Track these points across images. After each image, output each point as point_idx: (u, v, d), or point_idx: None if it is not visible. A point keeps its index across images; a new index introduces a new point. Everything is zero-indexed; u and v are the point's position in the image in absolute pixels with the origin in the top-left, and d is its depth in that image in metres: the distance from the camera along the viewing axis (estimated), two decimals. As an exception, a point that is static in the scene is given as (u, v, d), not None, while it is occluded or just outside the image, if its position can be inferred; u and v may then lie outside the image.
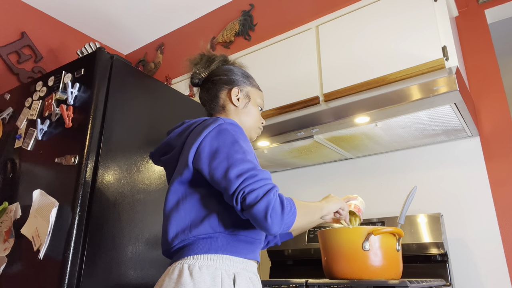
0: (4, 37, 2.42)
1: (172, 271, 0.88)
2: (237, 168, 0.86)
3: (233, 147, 0.90)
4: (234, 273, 0.88)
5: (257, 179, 0.85)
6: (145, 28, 2.90)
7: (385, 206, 1.74)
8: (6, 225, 1.47)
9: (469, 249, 1.50)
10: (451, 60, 1.38)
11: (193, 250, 0.89)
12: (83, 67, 1.53)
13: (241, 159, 0.88)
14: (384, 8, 1.58)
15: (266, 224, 0.82)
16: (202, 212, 0.92)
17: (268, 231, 0.83)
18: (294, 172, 2.07)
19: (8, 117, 1.78)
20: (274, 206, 0.83)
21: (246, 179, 0.85)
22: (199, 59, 1.16)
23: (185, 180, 0.94)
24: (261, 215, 0.82)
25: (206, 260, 0.87)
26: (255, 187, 0.84)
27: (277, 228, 0.83)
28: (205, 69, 1.15)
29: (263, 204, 0.82)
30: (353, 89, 1.56)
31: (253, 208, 0.82)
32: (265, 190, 0.84)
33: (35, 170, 1.49)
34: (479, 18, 1.76)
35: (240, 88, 1.11)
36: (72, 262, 1.22)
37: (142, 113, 1.58)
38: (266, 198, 0.83)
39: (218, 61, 1.16)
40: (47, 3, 2.61)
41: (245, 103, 1.11)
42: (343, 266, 1.19)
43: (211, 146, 0.91)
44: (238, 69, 1.16)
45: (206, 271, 0.85)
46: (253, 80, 1.17)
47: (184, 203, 0.93)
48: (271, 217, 0.82)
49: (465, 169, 1.60)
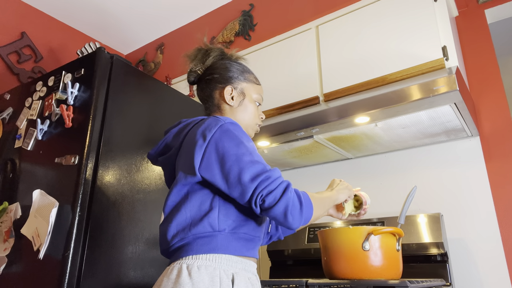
0: (4, 37, 2.42)
1: (171, 271, 0.88)
2: (249, 171, 0.87)
3: (240, 150, 0.90)
4: (233, 273, 0.88)
5: (272, 180, 0.87)
6: (145, 28, 2.90)
7: (385, 206, 1.74)
8: (6, 225, 1.47)
9: (469, 249, 1.50)
10: (451, 60, 1.38)
11: (192, 250, 0.89)
12: (83, 67, 1.53)
13: (250, 161, 0.88)
14: (384, 8, 1.58)
15: (287, 221, 0.86)
16: (202, 211, 0.91)
17: (290, 227, 0.87)
18: (294, 172, 2.08)
19: (8, 117, 1.78)
20: (293, 204, 0.86)
21: (261, 182, 0.86)
22: (196, 54, 1.13)
23: (189, 183, 0.94)
24: (281, 214, 0.85)
25: (204, 260, 0.87)
26: (271, 188, 0.86)
27: (298, 223, 0.87)
28: (201, 65, 1.11)
29: (283, 203, 0.85)
30: (353, 89, 1.56)
31: (272, 209, 0.85)
32: (282, 190, 0.86)
33: (35, 170, 1.49)
34: (479, 18, 1.76)
35: (233, 86, 1.07)
36: (72, 262, 1.22)
37: (142, 113, 1.58)
38: (285, 197, 0.85)
39: (214, 56, 1.12)
40: (47, 3, 2.61)
41: (239, 101, 1.07)
42: (343, 266, 1.19)
43: (217, 151, 0.90)
44: (234, 65, 1.11)
45: (205, 271, 0.85)
46: (249, 75, 1.12)
47: (185, 202, 0.93)
48: (291, 214, 0.85)
49: (465, 169, 1.60)
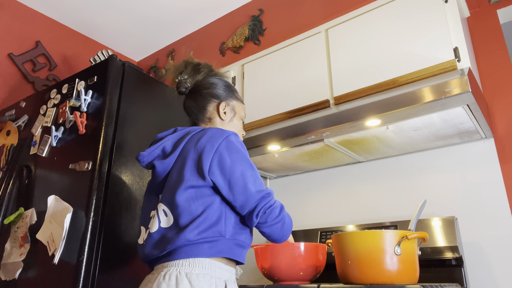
0: (20, 46, 2.48)
1: (168, 277, 0.89)
2: (253, 184, 0.97)
3: (244, 162, 1.00)
4: (225, 280, 0.94)
5: (272, 197, 0.98)
6: (156, 35, 2.94)
7: (398, 210, 1.72)
8: (22, 231, 1.50)
9: (484, 253, 1.48)
10: (463, 61, 1.36)
11: (193, 253, 0.91)
12: (96, 75, 1.55)
13: (253, 175, 0.99)
14: (393, 10, 1.57)
15: (280, 236, 1.00)
16: (210, 216, 0.95)
17: (279, 241, 1.01)
18: (305, 176, 2.07)
19: (23, 124, 1.82)
20: (287, 222, 1.00)
21: (264, 197, 0.96)
22: (184, 66, 1.21)
23: (196, 187, 0.97)
24: (278, 230, 0.98)
25: (201, 268, 0.91)
26: (272, 204, 0.97)
27: (285, 239, 1.02)
28: (191, 78, 1.20)
29: (281, 220, 0.98)
30: (363, 92, 1.55)
31: (274, 225, 0.97)
32: (279, 208, 0.98)
33: (50, 176, 1.52)
34: (491, 18, 1.74)
35: (227, 103, 1.18)
36: (86, 266, 1.23)
37: (154, 119, 1.60)
38: (281, 214, 0.98)
39: (204, 72, 1.21)
40: (61, 12, 2.67)
41: (231, 117, 1.18)
42: (363, 270, 1.17)
43: (225, 159, 0.98)
44: (223, 82, 1.22)
45: (203, 279, 0.89)
46: (237, 93, 1.24)
47: (190, 206, 0.95)
48: (284, 230, 0.99)
49: (479, 171, 1.57)
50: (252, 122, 1.87)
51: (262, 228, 0.98)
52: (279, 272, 1.35)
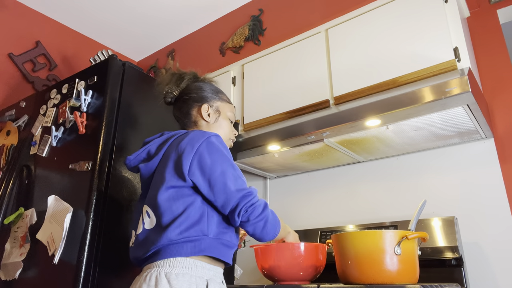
0: (20, 46, 2.48)
1: (149, 277, 0.91)
2: (233, 183, 0.97)
3: (225, 162, 1.00)
4: (207, 279, 0.94)
5: (253, 196, 0.97)
6: (156, 35, 2.94)
7: (398, 210, 1.72)
8: (22, 231, 1.50)
9: (484, 253, 1.48)
10: (463, 61, 1.37)
11: (175, 252, 0.92)
12: (96, 75, 1.55)
13: (234, 174, 0.99)
14: (394, 10, 1.57)
15: (263, 235, 0.98)
16: (192, 215, 0.96)
17: (263, 240, 1.00)
18: (305, 176, 2.07)
19: (23, 124, 1.82)
20: (270, 220, 0.99)
21: (245, 196, 0.96)
22: (170, 78, 1.23)
23: (177, 187, 0.98)
24: (260, 228, 0.97)
25: (181, 268, 0.91)
26: (254, 202, 0.96)
27: (270, 238, 1.01)
28: (176, 88, 1.22)
29: (263, 219, 0.97)
30: (363, 92, 1.55)
31: (253, 222, 0.96)
32: (263, 206, 0.98)
33: (50, 176, 1.52)
34: (491, 18, 1.74)
35: (210, 104, 1.19)
36: (86, 266, 1.23)
37: (154, 119, 1.60)
38: (264, 213, 0.97)
39: (188, 79, 1.23)
40: (61, 12, 2.67)
41: (215, 117, 1.18)
42: (363, 270, 1.16)
43: (205, 159, 0.98)
44: (208, 85, 1.23)
45: (182, 279, 0.89)
46: (222, 95, 1.24)
47: (172, 206, 0.97)
48: (267, 229, 0.98)
49: (479, 171, 1.57)
50: (252, 122, 1.87)
51: (245, 227, 0.98)
52: (279, 272, 1.35)
